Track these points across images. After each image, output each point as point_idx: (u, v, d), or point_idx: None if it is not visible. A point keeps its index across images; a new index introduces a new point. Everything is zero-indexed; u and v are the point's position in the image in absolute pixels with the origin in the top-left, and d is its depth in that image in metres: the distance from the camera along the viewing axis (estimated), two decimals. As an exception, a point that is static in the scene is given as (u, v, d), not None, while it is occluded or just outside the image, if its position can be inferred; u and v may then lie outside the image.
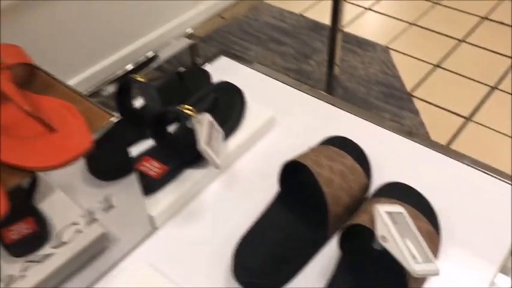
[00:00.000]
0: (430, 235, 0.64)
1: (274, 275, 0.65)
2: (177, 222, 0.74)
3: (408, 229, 0.60)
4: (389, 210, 0.61)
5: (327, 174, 0.69)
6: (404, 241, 0.58)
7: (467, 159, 0.80)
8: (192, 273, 0.67)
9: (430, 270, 0.56)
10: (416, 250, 0.58)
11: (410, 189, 0.72)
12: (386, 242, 0.57)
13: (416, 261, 0.56)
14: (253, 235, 0.68)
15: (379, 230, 0.59)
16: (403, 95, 1.86)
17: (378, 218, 0.60)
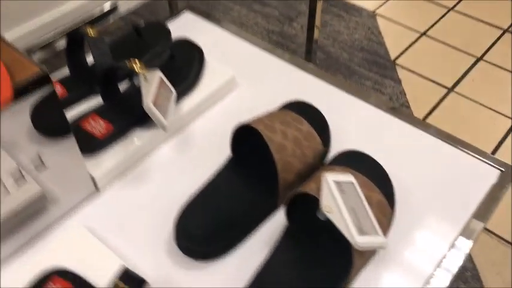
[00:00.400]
0: (381, 206, 0.61)
1: (217, 242, 0.62)
2: (122, 185, 0.70)
3: (357, 199, 0.57)
4: (338, 179, 0.58)
5: (279, 139, 0.65)
6: (350, 212, 0.54)
7: (432, 129, 0.77)
8: (133, 239, 0.64)
9: (374, 242, 0.53)
10: (362, 221, 0.54)
11: (367, 158, 0.68)
12: (330, 212, 0.54)
13: (361, 233, 0.53)
14: (198, 200, 0.64)
15: (323, 200, 0.55)
16: (387, 62, 1.81)
17: (324, 187, 0.57)
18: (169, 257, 0.63)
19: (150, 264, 0.62)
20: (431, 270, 0.61)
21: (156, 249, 0.63)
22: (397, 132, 0.77)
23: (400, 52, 1.84)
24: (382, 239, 0.54)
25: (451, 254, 0.63)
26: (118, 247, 0.63)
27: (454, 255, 0.63)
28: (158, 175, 0.71)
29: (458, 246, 0.63)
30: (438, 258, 0.62)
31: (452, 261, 0.62)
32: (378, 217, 0.59)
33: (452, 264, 0.62)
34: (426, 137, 0.76)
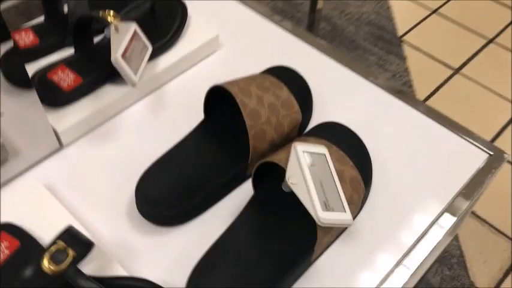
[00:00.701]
0: (354, 182, 0.57)
1: (179, 207, 0.58)
2: (87, 142, 0.66)
3: (326, 173, 0.53)
4: (309, 150, 0.54)
5: (253, 105, 0.61)
6: (317, 185, 0.50)
7: (423, 107, 0.72)
8: (93, 200, 0.61)
9: (339, 219, 0.50)
10: (329, 197, 0.51)
11: (347, 131, 0.64)
12: (294, 184, 0.50)
13: (326, 208, 0.49)
14: (161, 162, 0.61)
15: (289, 171, 0.51)
16: (394, 38, 1.74)
17: (292, 157, 0.53)
18: (129, 220, 0.59)
19: (108, 227, 0.59)
20: (410, 244, 0.58)
21: (117, 212, 0.60)
22: (386, 107, 0.72)
23: (409, 29, 1.77)
24: (348, 216, 0.50)
25: (433, 230, 0.60)
26: (76, 207, 0.60)
27: (435, 231, 0.59)
28: (127, 135, 0.67)
29: (440, 223, 0.60)
30: (418, 232, 0.59)
31: (433, 237, 0.59)
32: (348, 193, 0.55)
33: (433, 239, 0.59)
34: (415, 115, 0.71)
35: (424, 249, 0.58)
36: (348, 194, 0.55)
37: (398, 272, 0.56)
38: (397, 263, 0.57)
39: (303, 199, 0.49)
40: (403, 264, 0.57)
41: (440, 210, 0.61)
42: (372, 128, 0.69)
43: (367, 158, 0.62)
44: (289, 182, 0.50)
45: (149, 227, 0.59)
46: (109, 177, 0.63)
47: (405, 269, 0.56)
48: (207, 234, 0.57)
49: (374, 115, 0.71)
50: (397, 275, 0.56)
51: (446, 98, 1.54)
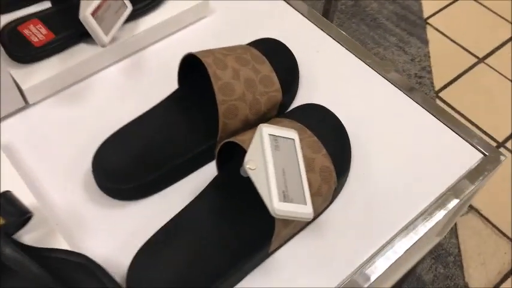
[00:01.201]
0: (325, 172, 0.52)
1: (137, 181, 0.54)
2: (55, 103, 0.63)
3: (292, 160, 0.48)
4: (276, 133, 0.49)
5: (227, 78, 0.56)
6: (278, 173, 0.46)
7: (419, 97, 0.66)
8: (51, 165, 0.58)
9: (297, 212, 0.45)
10: (291, 186, 0.46)
11: (329, 116, 0.59)
12: (252, 170, 0.46)
13: (284, 199, 0.45)
14: (125, 133, 0.57)
15: (250, 154, 0.47)
16: (418, 20, 1.65)
17: (256, 139, 0.48)
18: (85, 190, 0.56)
19: (62, 195, 0.56)
20: (382, 242, 0.53)
21: (74, 180, 0.57)
22: (381, 95, 0.66)
23: (435, 11, 1.67)
24: (307, 209, 0.46)
25: (418, 222, 0.55)
26: (32, 170, 0.57)
27: (420, 224, 0.55)
28: (98, 98, 0.64)
29: (426, 217, 0.56)
30: (393, 230, 0.54)
31: (418, 229, 0.55)
32: (317, 184, 0.51)
33: (417, 231, 0.55)
34: (411, 105, 0.65)
35: (396, 251, 0.53)
36: (315, 184, 0.51)
37: (361, 272, 0.52)
38: (363, 263, 0.52)
39: (259, 187, 0.45)
40: (370, 264, 0.52)
41: (421, 209, 0.56)
42: (360, 116, 0.63)
43: (346, 147, 0.57)
44: (246, 166, 0.46)
45: (105, 200, 0.55)
46: (72, 141, 0.60)
47: (371, 269, 0.52)
48: (166, 212, 0.53)
49: (366, 103, 0.65)
50: (360, 276, 0.51)
51: (466, 88, 1.46)
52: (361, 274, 0.52)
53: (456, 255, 1.15)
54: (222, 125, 0.55)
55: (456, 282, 1.11)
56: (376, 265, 0.52)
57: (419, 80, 1.49)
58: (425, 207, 0.56)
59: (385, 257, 0.53)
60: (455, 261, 1.14)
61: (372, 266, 0.52)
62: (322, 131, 0.56)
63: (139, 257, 0.50)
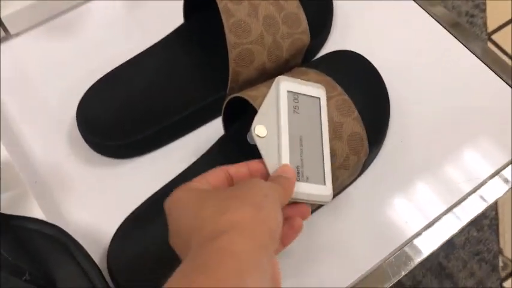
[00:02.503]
0: (355, 140, 0.42)
1: (128, 139, 0.46)
2: (39, 34, 0.53)
3: (314, 126, 0.38)
4: (299, 90, 0.39)
5: (242, 15, 0.45)
6: (294, 143, 0.36)
7: (480, 48, 0.53)
8: (32, 109, 0.49)
9: (312, 194, 0.35)
10: (307, 161, 0.36)
11: (367, 68, 0.47)
12: (261, 138, 0.36)
13: (297, 176, 0.35)
14: (115, 78, 0.48)
15: (260, 116, 0.37)
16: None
17: (270, 96, 0.38)
18: (70, 142, 0.48)
19: (43, 146, 0.47)
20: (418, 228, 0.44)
21: (57, 129, 0.48)
22: (431, 43, 0.54)
23: None
24: (326, 191, 0.36)
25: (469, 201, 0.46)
26: (11, 114, 0.49)
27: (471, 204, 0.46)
28: (90, 32, 0.54)
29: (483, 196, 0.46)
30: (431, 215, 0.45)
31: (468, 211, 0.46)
32: (343, 154, 0.41)
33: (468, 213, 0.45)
34: (468, 56, 0.53)
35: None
36: (342, 155, 0.41)
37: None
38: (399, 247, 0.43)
39: (267, 161, 0.35)
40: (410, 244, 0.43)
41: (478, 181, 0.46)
42: (404, 69, 0.51)
43: (385, 110, 0.46)
44: (254, 133, 0.36)
45: (92, 155, 0.47)
46: (58, 82, 0.51)
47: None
48: (161, 175, 0.45)
49: (412, 53, 0.53)
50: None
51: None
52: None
53: (493, 218, 1.05)
54: (233, 73, 0.45)
55: (489, 247, 1.02)
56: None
57: (470, 19, 1.32)
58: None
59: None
60: (491, 224, 1.04)
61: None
62: (356, 87, 0.45)
63: (123, 229, 0.42)
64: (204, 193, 0.30)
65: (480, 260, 1.01)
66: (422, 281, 0.98)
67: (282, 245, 0.34)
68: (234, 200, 0.28)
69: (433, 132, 0.48)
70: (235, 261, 0.24)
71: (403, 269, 0.43)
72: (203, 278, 0.23)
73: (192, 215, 0.29)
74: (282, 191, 0.32)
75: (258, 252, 0.26)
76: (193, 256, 0.25)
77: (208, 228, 0.27)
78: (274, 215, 0.28)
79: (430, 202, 0.45)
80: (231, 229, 0.26)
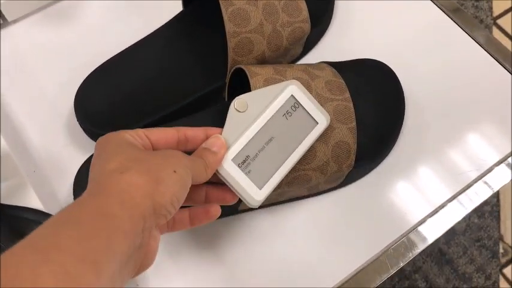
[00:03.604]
0: (341, 149, 0.40)
1: (127, 126, 0.45)
2: (37, 22, 0.53)
3: (294, 140, 0.37)
4: (304, 104, 0.37)
5: (241, 3, 0.44)
6: (261, 137, 0.35)
7: (483, 36, 0.52)
8: (30, 98, 0.49)
9: (240, 187, 0.34)
10: (261, 162, 0.35)
11: (391, 83, 0.46)
12: (237, 110, 0.35)
13: (240, 164, 0.34)
14: (113, 68, 0.47)
15: (250, 94, 0.36)
16: None
17: (270, 88, 0.37)
18: (68, 131, 0.48)
19: (42, 135, 0.47)
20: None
21: (56, 119, 0.48)
22: (432, 29, 0.53)
23: None
24: (256, 195, 0.34)
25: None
26: (7, 104, 0.48)
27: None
28: (88, 19, 0.53)
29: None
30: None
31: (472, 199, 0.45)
32: (323, 158, 0.40)
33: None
34: (470, 44, 0.52)
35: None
36: (321, 158, 0.40)
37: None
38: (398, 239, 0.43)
39: (226, 132, 0.34)
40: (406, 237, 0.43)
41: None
42: (406, 57, 0.51)
43: (395, 126, 0.45)
44: (234, 103, 0.35)
45: (90, 145, 0.47)
46: (56, 71, 0.50)
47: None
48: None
49: (413, 40, 0.52)
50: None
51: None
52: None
53: (494, 205, 1.05)
54: (232, 62, 0.45)
55: (490, 233, 1.03)
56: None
57: (476, 3, 1.30)
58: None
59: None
60: (492, 211, 1.04)
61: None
62: (370, 100, 0.44)
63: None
64: (126, 146, 0.30)
65: (480, 246, 1.01)
66: (423, 267, 0.99)
67: (191, 224, 0.34)
68: (139, 163, 0.28)
69: (437, 120, 0.48)
70: (105, 223, 0.24)
71: (407, 256, 0.43)
72: (70, 232, 0.23)
73: (100, 164, 0.28)
74: (202, 167, 0.31)
75: (134, 221, 0.25)
76: (72, 207, 0.25)
77: (101, 181, 0.27)
78: (171, 192, 0.27)
79: (435, 189, 0.45)
80: (118, 192, 0.26)
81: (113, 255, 0.23)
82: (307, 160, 0.39)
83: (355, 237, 0.43)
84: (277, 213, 0.44)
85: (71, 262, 0.22)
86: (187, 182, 0.29)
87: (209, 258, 0.42)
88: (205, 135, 0.34)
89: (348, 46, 0.51)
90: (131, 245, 0.25)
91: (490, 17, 1.28)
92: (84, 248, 0.23)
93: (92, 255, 0.22)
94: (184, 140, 0.33)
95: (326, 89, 0.42)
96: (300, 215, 0.44)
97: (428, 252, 1.00)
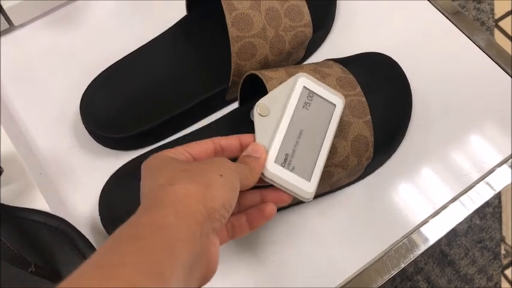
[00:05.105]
0: (360, 143, 0.41)
1: (131, 131, 0.46)
2: (43, 26, 0.53)
3: (321, 126, 0.38)
4: (316, 90, 0.38)
5: (244, 7, 0.45)
6: (292, 131, 0.36)
7: (484, 40, 0.53)
8: (36, 100, 0.50)
9: (291, 184, 0.35)
10: (300, 153, 0.36)
11: (396, 75, 0.47)
12: (261, 115, 0.36)
13: (283, 162, 0.35)
14: (118, 71, 0.48)
15: (269, 97, 0.37)
16: None
17: (285, 86, 0.38)
18: (74, 133, 0.48)
19: (47, 137, 0.48)
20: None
21: (61, 121, 0.49)
22: (433, 32, 0.54)
23: None
24: (307, 187, 0.35)
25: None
26: (13, 107, 0.49)
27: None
28: (94, 23, 0.54)
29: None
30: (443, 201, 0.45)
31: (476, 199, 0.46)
32: (344, 153, 0.41)
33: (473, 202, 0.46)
34: (471, 47, 0.53)
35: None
36: (342, 154, 0.41)
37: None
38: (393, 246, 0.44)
39: (259, 138, 0.35)
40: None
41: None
42: (408, 60, 0.51)
43: (403, 119, 0.46)
44: (257, 108, 0.36)
45: (95, 147, 0.48)
46: (62, 74, 0.51)
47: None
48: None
49: (415, 44, 0.53)
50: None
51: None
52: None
53: (496, 206, 1.05)
54: (236, 66, 0.45)
55: (492, 235, 1.03)
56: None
57: (477, 6, 1.30)
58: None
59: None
60: (494, 212, 1.05)
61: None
62: (380, 93, 0.44)
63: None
64: (170, 161, 0.30)
65: (482, 247, 1.02)
66: (424, 268, 0.99)
67: (250, 227, 0.34)
68: (186, 173, 0.29)
69: (439, 121, 0.49)
70: (164, 235, 0.25)
71: (408, 257, 0.43)
72: (131, 247, 0.24)
73: (149, 182, 0.29)
74: (247, 171, 0.32)
75: (191, 228, 0.26)
76: (129, 224, 0.26)
77: (153, 196, 0.27)
78: (222, 196, 0.28)
79: (437, 190, 0.46)
80: (171, 202, 0.26)
81: (176, 265, 0.24)
82: (328, 156, 0.39)
83: (358, 237, 0.44)
84: (277, 215, 0.44)
85: (138, 276, 0.22)
86: (235, 185, 0.30)
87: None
88: (239, 143, 0.35)
89: (350, 49, 0.51)
90: (192, 252, 0.25)
91: (491, 19, 1.29)
92: (148, 262, 0.23)
93: (156, 267, 0.23)
94: (220, 150, 0.34)
95: (338, 86, 0.43)
96: (301, 216, 0.45)
97: (430, 253, 1.00)
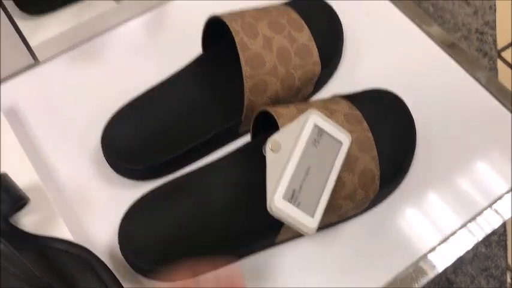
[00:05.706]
0: (366, 177, 0.43)
1: (150, 163, 0.49)
2: (66, 62, 0.57)
3: (327, 163, 0.40)
4: (326, 128, 0.41)
5: (257, 48, 0.48)
6: (300, 169, 0.38)
7: (484, 76, 0.56)
8: (58, 133, 0.52)
9: (296, 220, 0.37)
10: (306, 189, 0.38)
11: (401, 111, 0.49)
12: (273, 152, 0.39)
13: (290, 199, 0.37)
14: (138, 105, 0.51)
15: (280, 134, 0.40)
16: None
17: (296, 123, 0.41)
18: (95, 165, 0.51)
19: (69, 168, 0.51)
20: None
21: (83, 152, 0.51)
22: (436, 68, 0.56)
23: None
24: (311, 223, 0.38)
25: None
26: (37, 139, 0.52)
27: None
28: (114, 58, 0.57)
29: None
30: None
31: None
32: (351, 187, 0.43)
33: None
34: (469, 81, 0.55)
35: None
36: (350, 187, 0.43)
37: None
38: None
39: (269, 173, 0.38)
40: (407, 277, 0.46)
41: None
42: (414, 95, 0.54)
43: (408, 155, 0.48)
44: (269, 145, 0.39)
45: (117, 178, 0.50)
46: (84, 107, 0.54)
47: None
48: (179, 197, 0.48)
49: (422, 80, 0.56)
50: None
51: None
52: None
53: (501, 234, 1.07)
54: (248, 102, 0.48)
55: (497, 263, 1.04)
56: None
57: (480, 37, 1.34)
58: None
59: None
60: (499, 241, 1.06)
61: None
62: (385, 128, 0.47)
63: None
64: None
65: (488, 275, 1.03)
66: (431, 296, 1.00)
67: None
68: None
69: (444, 151, 0.51)
70: None
71: (417, 284, 0.45)
72: None
73: None
74: None
75: None
76: None
77: None
78: None
79: (445, 218, 0.48)
80: None
81: None
82: (337, 189, 0.42)
83: (365, 265, 0.46)
84: (285, 246, 0.46)
85: None
86: None
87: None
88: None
89: (357, 86, 0.54)
90: None
91: (494, 49, 1.32)
92: None
93: None
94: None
95: (345, 122, 0.45)
96: (308, 245, 0.47)
97: (436, 281, 1.01)
